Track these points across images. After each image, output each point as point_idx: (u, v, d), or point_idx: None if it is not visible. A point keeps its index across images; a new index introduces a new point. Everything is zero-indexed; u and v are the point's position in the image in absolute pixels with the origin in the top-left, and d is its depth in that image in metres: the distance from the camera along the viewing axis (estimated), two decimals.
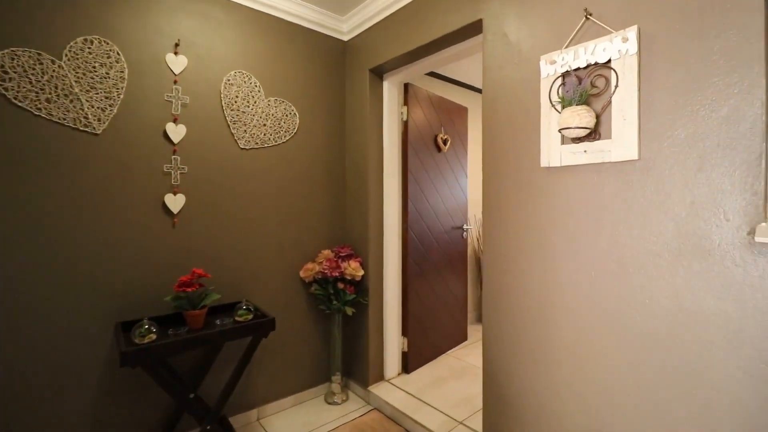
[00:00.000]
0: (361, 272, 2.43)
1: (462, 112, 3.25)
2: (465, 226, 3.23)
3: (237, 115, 2.22)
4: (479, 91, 3.80)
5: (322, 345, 2.59)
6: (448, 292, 3.05)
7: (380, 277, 2.57)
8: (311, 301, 2.52)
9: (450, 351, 3.09)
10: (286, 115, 2.42)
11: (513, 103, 1.68)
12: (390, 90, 2.59)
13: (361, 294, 2.49)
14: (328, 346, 2.60)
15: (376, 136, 2.56)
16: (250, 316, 1.94)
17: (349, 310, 2.39)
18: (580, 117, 1.34)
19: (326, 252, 2.49)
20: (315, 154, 2.55)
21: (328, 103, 2.61)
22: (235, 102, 2.21)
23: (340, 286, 2.42)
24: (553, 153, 1.51)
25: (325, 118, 2.60)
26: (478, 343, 3.24)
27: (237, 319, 1.92)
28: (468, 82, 3.62)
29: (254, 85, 2.28)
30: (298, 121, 2.46)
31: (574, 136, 1.38)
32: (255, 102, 2.29)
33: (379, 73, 2.55)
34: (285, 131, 2.41)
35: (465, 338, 3.30)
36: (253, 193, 2.27)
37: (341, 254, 2.49)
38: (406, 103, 2.69)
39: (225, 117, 2.17)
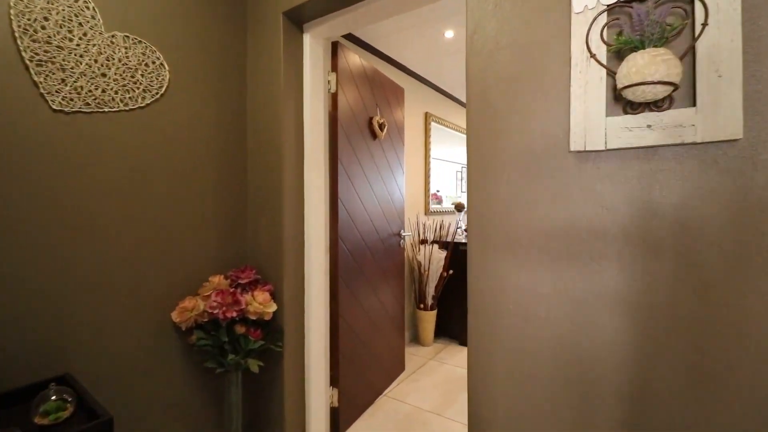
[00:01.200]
0: (272, 307, 1.65)
1: (399, 93, 2.64)
2: (403, 233, 2.64)
3: (47, 52, 1.27)
4: (416, 76, 3.26)
5: (212, 420, 1.73)
6: (384, 314, 2.42)
7: (300, 309, 1.82)
8: (193, 357, 1.65)
9: (388, 390, 2.46)
10: (145, 65, 1.52)
11: (520, 57, 1.10)
12: (313, 48, 1.85)
13: (273, 338, 1.71)
14: (222, 419, 1.76)
15: (293, 112, 1.80)
16: (66, 414, 1.07)
17: (255, 365, 1.60)
18: (667, 65, 0.80)
19: (217, 280, 1.65)
20: (198, 131, 1.68)
21: (219, 58, 1.76)
22: (43, 28, 1.26)
23: (240, 330, 1.60)
24: (594, 130, 0.97)
25: (216, 79, 1.75)
26: (417, 374, 2.67)
27: (37, 422, 1.04)
28: (403, 62, 3.04)
29: (84, 7, 1.35)
30: (167, 77, 1.58)
31: (649, 98, 0.85)
32: (86, 35, 1.36)
33: (297, 22, 1.79)
34: (144, 89, 1.51)
35: (403, 368, 2.71)
36: (84, 190, 1.34)
37: (241, 281, 1.67)
38: (334, 68, 1.97)
39: (20, 52, 1.22)
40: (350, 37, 2.59)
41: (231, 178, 1.81)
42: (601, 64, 0.94)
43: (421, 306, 3.12)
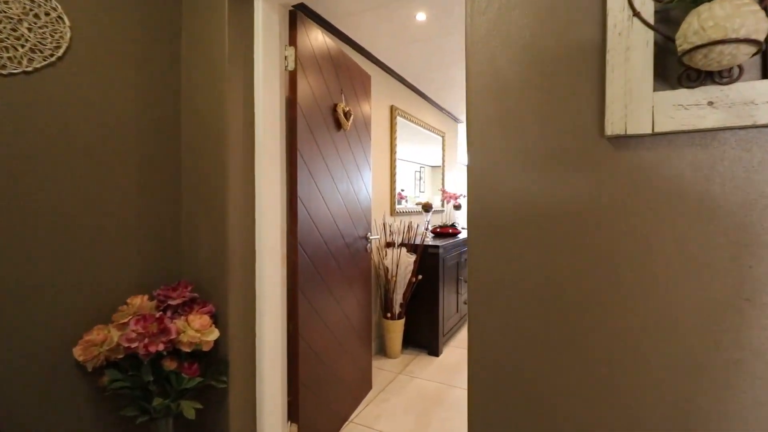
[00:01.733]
0: (213, 334, 1.31)
1: (365, 80, 2.37)
2: (370, 236, 2.37)
3: None
4: (381, 65, 3.00)
5: None
6: (349, 328, 2.14)
7: (250, 333, 1.49)
8: (106, 404, 1.27)
9: (354, 415, 2.17)
10: (35, 16, 1.13)
11: (537, 17, 0.87)
12: (267, 15, 1.53)
13: (214, 372, 1.37)
14: None
15: (241, 91, 1.47)
16: None
17: (190, 408, 1.25)
18: (755, 17, 0.59)
19: (138, 302, 1.28)
20: (113, 110, 1.30)
21: (144, 17, 1.39)
22: None
23: (170, 365, 1.25)
24: (638, 109, 0.75)
25: (139, 43, 1.37)
26: (385, 393, 2.41)
27: None
28: (368, 48, 2.77)
29: None
30: (68, 35, 1.19)
31: (725, 63, 0.64)
32: None
33: None
34: (31, 48, 1.12)
35: (370, 386, 2.44)
36: None
37: (172, 302, 1.32)
38: (293, 43, 1.66)
39: None
40: (311, 16, 2.28)
41: (160, 172, 1.44)
42: (649, 25, 0.73)
43: (388, 315, 2.87)
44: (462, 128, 5.43)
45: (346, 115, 2.01)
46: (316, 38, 1.83)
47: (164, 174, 1.45)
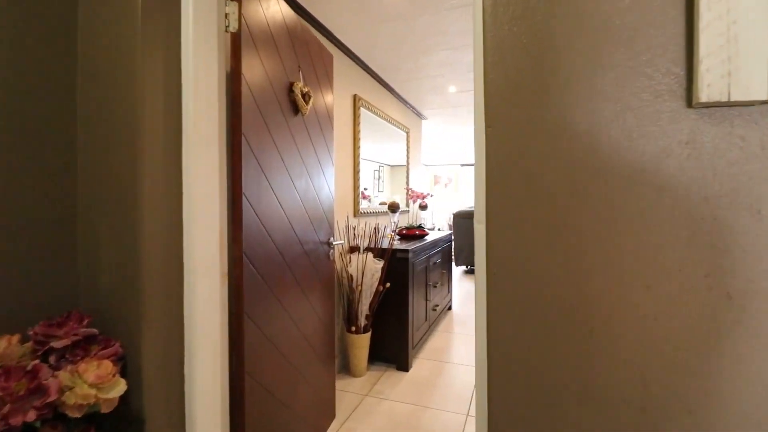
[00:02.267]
0: (118, 388, 0.93)
1: (327, 59, 2.04)
2: (333, 241, 2.05)
3: None
4: (344, 49, 2.67)
5: None
6: (310, 351, 1.80)
7: (176, 378, 1.12)
8: None
9: None
10: None
11: None
12: None
13: None
14: None
15: (162, 58, 1.10)
16: None
17: None
18: None
19: (3, 345, 0.88)
20: None
21: None
22: None
23: None
24: (749, 64, 0.51)
25: None
26: (351, 421, 2.10)
27: None
28: (329, 26, 2.44)
29: None
30: None
31: None
32: None
33: None
34: None
35: (333, 414, 2.12)
36: None
37: (56, 345, 0.93)
38: None
39: None
40: None
41: (43, 162, 1.03)
42: None
43: (353, 329, 2.56)
44: (426, 125, 5.22)
45: (305, 97, 1.67)
46: (268, 4, 1.48)
47: (50, 166, 1.04)
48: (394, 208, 3.06)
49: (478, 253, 0.73)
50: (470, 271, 6.29)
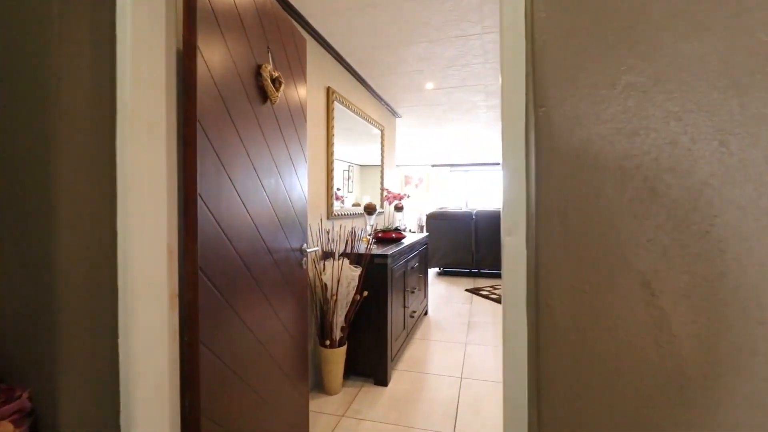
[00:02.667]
0: None
1: (300, 43, 1.82)
2: (306, 247, 1.82)
3: None
4: (317, 36, 2.44)
5: None
6: (281, 376, 1.57)
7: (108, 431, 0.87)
8: None
9: None
10: None
11: None
12: None
13: None
14: None
15: (88, 21, 0.85)
16: None
17: None
18: None
19: None
20: None
21: None
22: None
23: None
24: None
25: None
26: None
27: None
28: (300, 9, 2.20)
29: None
30: None
31: None
32: None
33: None
34: None
35: None
36: None
37: None
38: None
39: None
40: None
41: None
42: None
43: (327, 342, 2.34)
44: (400, 123, 5.07)
45: (275, 82, 1.45)
46: None
47: None
48: (370, 209, 2.87)
49: (512, 275, 0.56)
50: (444, 273, 6.21)
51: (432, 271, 6.30)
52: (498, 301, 4.44)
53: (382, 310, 2.49)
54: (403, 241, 3.21)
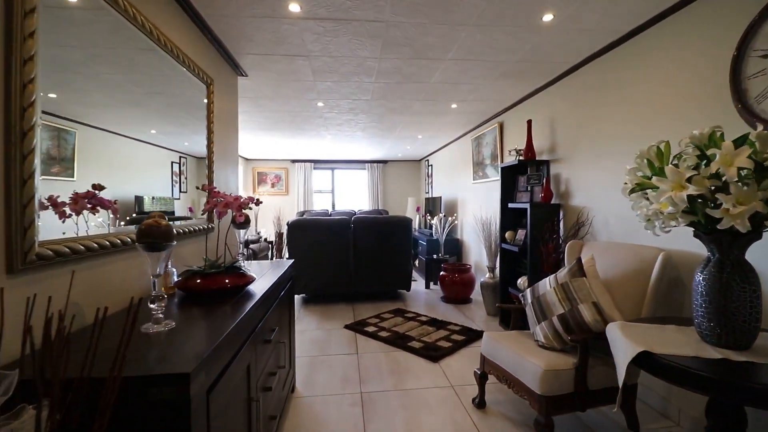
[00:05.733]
0: None
1: None
2: None
3: None
4: None
5: None
6: None
7: None
8: None
9: None
10: None
11: None
12: None
13: None
14: None
15: None
16: None
17: None
18: None
19: None
20: None
21: None
22: None
23: None
24: None
25: None
26: None
27: None
28: None
29: None
30: None
31: None
32: None
33: None
34: None
35: None
36: None
37: None
38: None
39: None
40: None
41: None
42: None
43: None
44: (247, 86, 3.35)
45: None
46: None
47: None
48: (152, 236, 1.17)
49: None
50: (312, 300, 4.72)
51: (296, 300, 4.74)
52: (392, 342, 3.20)
53: None
54: (248, 292, 1.62)
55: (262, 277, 1.94)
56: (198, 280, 1.54)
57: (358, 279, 4.62)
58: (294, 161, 8.94)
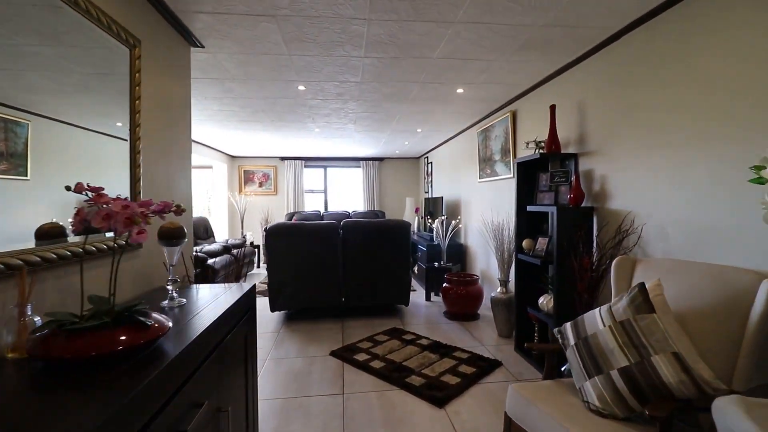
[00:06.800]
0: None
1: None
2: None
3: None
4: None
5: None
6: None
7: None
8: None
9: None
10: None
11: None
12: None
13: None
14: None
15: None
16: None
17: None
18: None
19: None
20: None
21: None
22: None
23: None
24: None
25: None
26: None
27: None
28: None
29: None
30: None
31: None
32: None
33: None
34: None
35: None
36: None
37: None
38: None
39: None
40: None
41: None
42: None
43: None
44: (204, 58, 2.73)
45: None
46: None
47: None
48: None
49: None
50: (296, 316, 4.11)
51: (276, 317, 4.12)
52: (387, 376, 2.57)
53: None
54: (159, 348, 1.00)
55: (205, 308, 1.33)
56: (63, 342, 0.93)
57: (348, 293, 4.01)
58: (283, 159, 8.31)
